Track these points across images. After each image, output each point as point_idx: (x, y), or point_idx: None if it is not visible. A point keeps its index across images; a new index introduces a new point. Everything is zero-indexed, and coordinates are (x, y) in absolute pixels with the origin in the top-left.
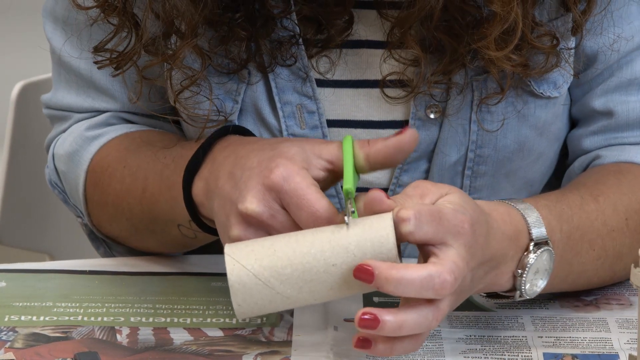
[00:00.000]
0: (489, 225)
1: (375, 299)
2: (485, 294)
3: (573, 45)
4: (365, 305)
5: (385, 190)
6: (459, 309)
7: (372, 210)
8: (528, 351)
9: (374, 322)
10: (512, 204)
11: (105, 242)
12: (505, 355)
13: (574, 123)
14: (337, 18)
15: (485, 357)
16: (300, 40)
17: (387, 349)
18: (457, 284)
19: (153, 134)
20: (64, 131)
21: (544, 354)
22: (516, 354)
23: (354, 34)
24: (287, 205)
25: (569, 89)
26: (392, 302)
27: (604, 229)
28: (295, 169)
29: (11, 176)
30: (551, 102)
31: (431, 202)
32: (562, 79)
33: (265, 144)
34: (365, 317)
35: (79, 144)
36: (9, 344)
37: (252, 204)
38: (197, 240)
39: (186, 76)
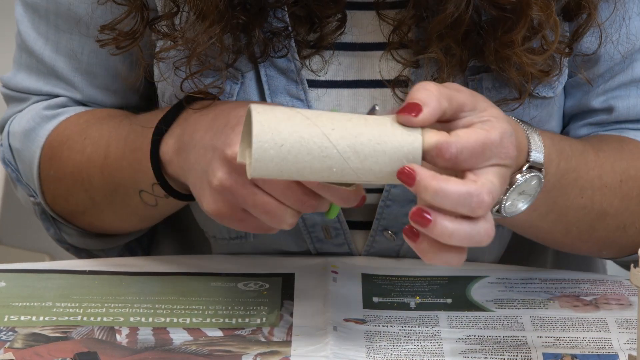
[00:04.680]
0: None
1: (375, 299)
2: None
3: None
4: (365, 306)
5: (380, 191)
6: (458, 309)
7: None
8: (527, 351)
9: (425, 221)
10: (521, 123)
11: (56, 222)
12: (504, 355)
13: (568, 119)
14: (330, 16)
15: (484, 357)
16: (292, 33)
17: (431, 252)
18: (493, 204)
19: (114, 111)
20: (20, 111)
21: (544, 354)
22: (516, 354)
23: (347, 35)
24: None
25: (565, 87)
26: (391, 303)
27: (597, 181)
28: None
29: None
30: (546, 102)
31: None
32: (557, 79)
33: (248, 102)
34: (418, 212)
35: (36, 121)
36: (8, 344)
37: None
38: (157, 210)
39: (199, 61)
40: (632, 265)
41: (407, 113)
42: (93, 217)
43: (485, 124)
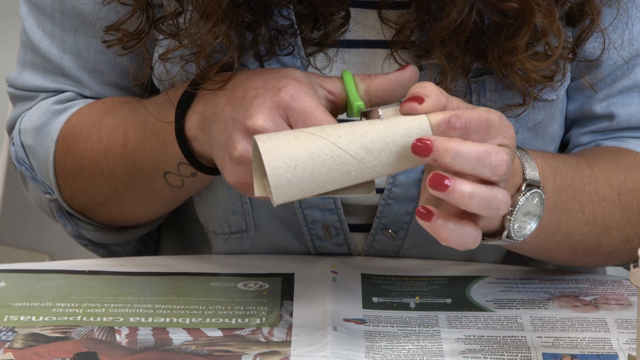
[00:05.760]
0: None
1: (375, 299)
2: None
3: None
4: (364, 306)
5: (381, 191)
6: (458, 309)
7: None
8: (527, 351)
9: (444, 185)
10: None
11: (73, 218)
12: (504, 355)
13: (570, 122)
14: (334, 13)
15: (484, 357)
16: (298, 31)
17: (446, 229)
18: (510, 170)
19: (124, 97)
20: (29, 109)
21: (543, 354)
22: (515, 354)
23: (351, 32)
24: (295, 124)
25: (567, 91)
26: (390, 302)
27: (595, 196)
28: (303, 89)
29: (11, 176)
30: (548, 105)
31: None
32: (560, 83)
33: (264, 70)
34: (437, 177)
35: (47, 116)
36: (8, 344)
37: (260, 119)
38: (183, 191)
39: (209, 61)
40: (632, 265)
41: (410, 102)
42: (114, 207)
43: (483, 108)
